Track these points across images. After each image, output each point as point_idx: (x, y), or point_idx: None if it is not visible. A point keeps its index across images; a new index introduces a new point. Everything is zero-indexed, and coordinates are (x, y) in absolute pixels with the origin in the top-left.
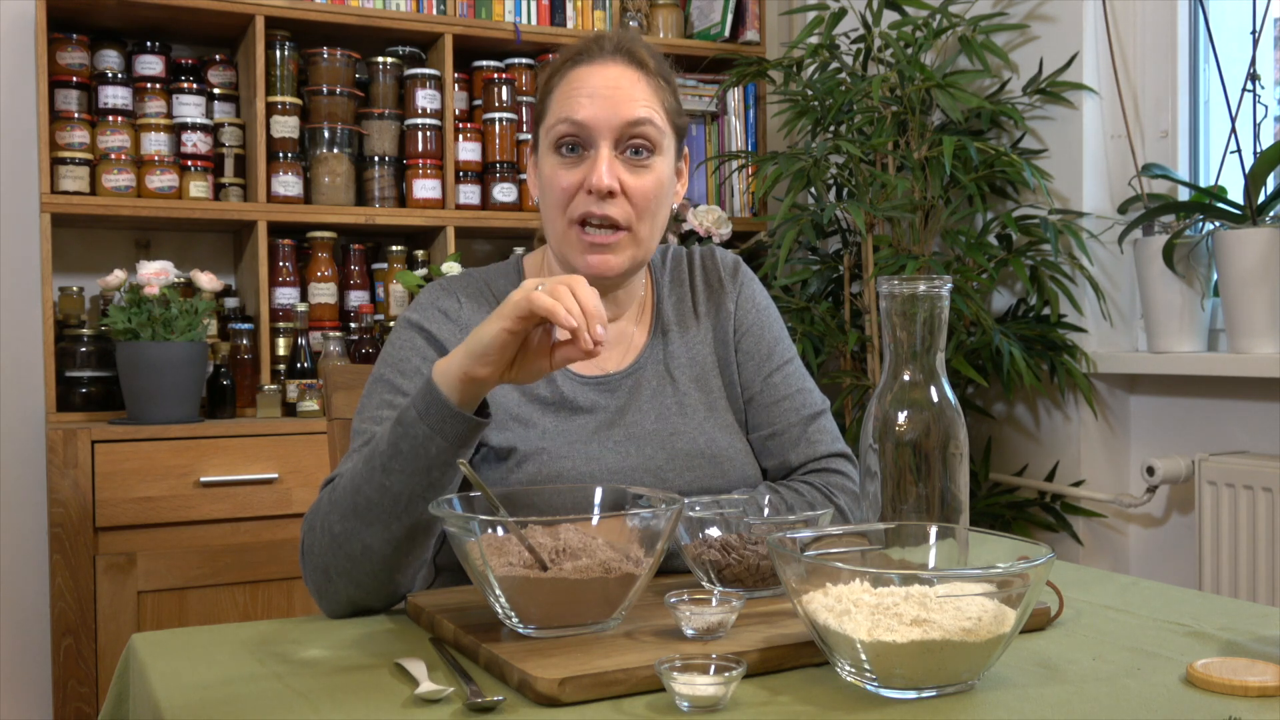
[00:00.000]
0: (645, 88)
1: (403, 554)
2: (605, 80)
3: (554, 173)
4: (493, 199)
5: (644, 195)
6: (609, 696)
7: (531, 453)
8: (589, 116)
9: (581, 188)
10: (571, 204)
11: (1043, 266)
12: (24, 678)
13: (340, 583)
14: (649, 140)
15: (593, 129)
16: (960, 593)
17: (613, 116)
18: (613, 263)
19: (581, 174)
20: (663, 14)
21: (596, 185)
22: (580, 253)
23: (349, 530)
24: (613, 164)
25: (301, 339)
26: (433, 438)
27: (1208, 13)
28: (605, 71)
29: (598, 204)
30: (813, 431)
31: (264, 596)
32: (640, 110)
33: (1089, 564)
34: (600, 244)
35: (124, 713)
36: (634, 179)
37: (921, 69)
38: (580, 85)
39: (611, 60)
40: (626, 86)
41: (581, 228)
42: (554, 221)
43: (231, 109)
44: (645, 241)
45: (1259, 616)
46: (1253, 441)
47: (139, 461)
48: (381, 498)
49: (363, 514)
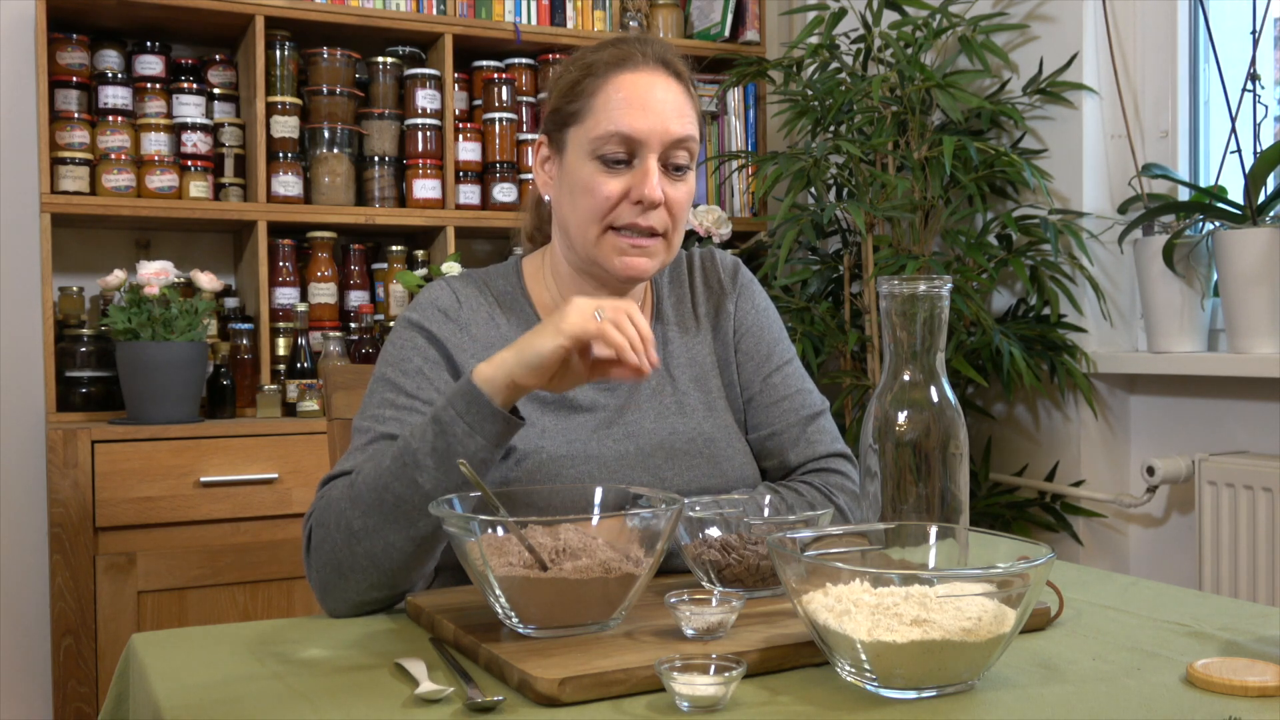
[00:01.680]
0: (687, 103)
1: (424, 550)
2: (655, 92)
3: (594, 179)
4: (493, 199)
5: (680, 206)
6: (609, 696)
7: (530, 450)
8: (642, 130)
9: (625, 198)
10: (614, 212)
11: (1043, 266)
12: (24, 678)
13: (354, 579)
14: (690, 154)
15: (644, 144)
16: (960, 593)
17: (664, 133)
18: (647, 266)
19: (625, 184)
20: (663, 14)
21: (650, 198)
22: (616, 255)
23: (370, 527)
24: (661, 177)
25: (301, 339)
26: (472, 436)
27: (1208, 13)
28: (650, 81)
29: (643, 215)
30: (812, 432)
31: (264, 596)
32: (688, 126)
33: (1089, 564)
34: (639, 246)
35: (124, 713)
36: (674, 190)
37: (921, 69)
38: (629, 95)
39: (654, 70)
40: (674, 101)
41: (618, 232)
42: (585, 226)
43: (231, 109)
44: (675, 248)
45: (1259, 616)
46: (1253, 441)
47: (139, 461)
48: (412, 494)
49: (389, 511)
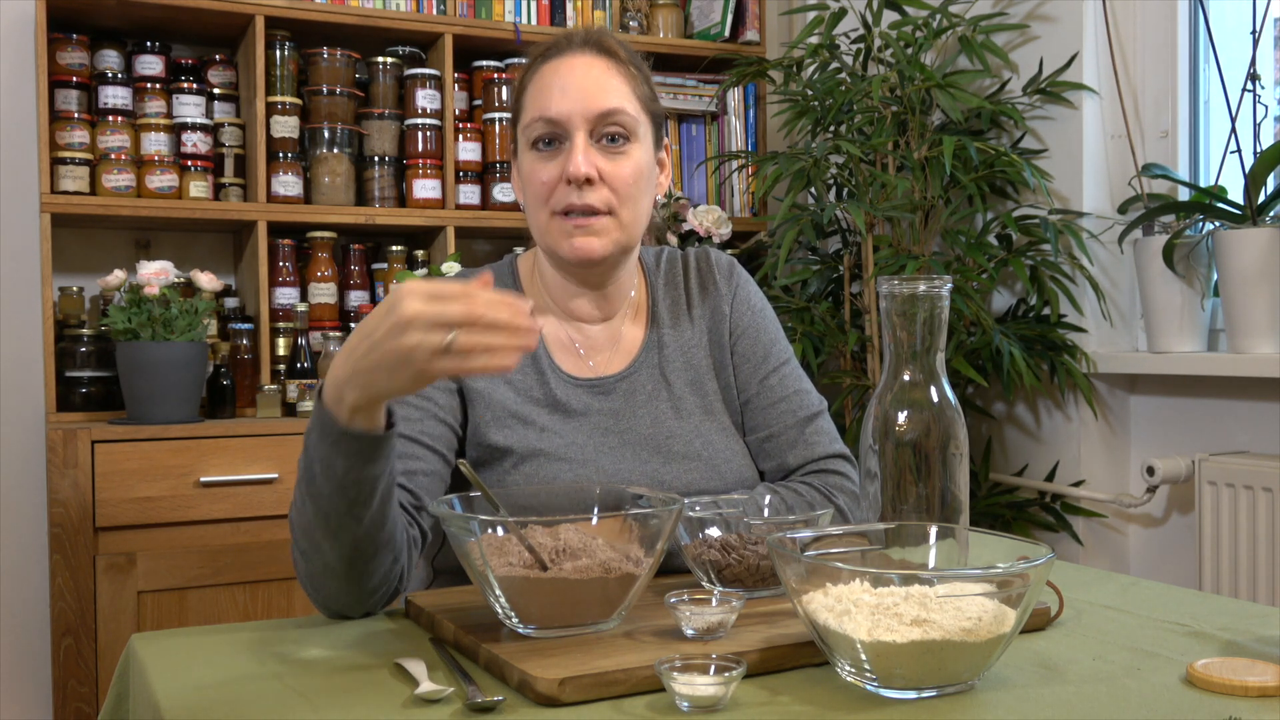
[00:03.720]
0: (616, 77)
1: (361, 565)
2: (576, 72)
3: (532, 168)
4: (493, 199)
5: (623, 181)
6: (609, 696)
7: (528, 454)
8: (562, 109)
9: (561, 179)
10: (553, 197)
11: (1043, 266)
12: (24, 678)
13: (321, 593)
14: (623, 128)
15: (566, 121)
16: (960, 593)
17: (586, 108)
18: (596, 245)
19: (559, 166)
20: (663, 14)
21: (574, 173)
22: (564, 238)
23: (308, 547)
24: (589, 152)
25: (301, 339)
26: (333, 462)
27: (1208, 13)
28: (575, 63)
29: (578, 194)
30: (810, 433)
31: (264, 596)
32: (613, 99)
33: (1089, 564)
34: (582, 226)
35: (124, 713)
36: (611, 166)
37: (921, 69)
38: (551, 80)
39: (580, 52)
40: (597, 76)
41: (564, 216)
42: (537, 215)
43: (231, 109)
44: (629, 226)
45: (1259, 616)
46: (1253, 441)
47: (139, 461)
48: (317, 518)
49: (310, 533)
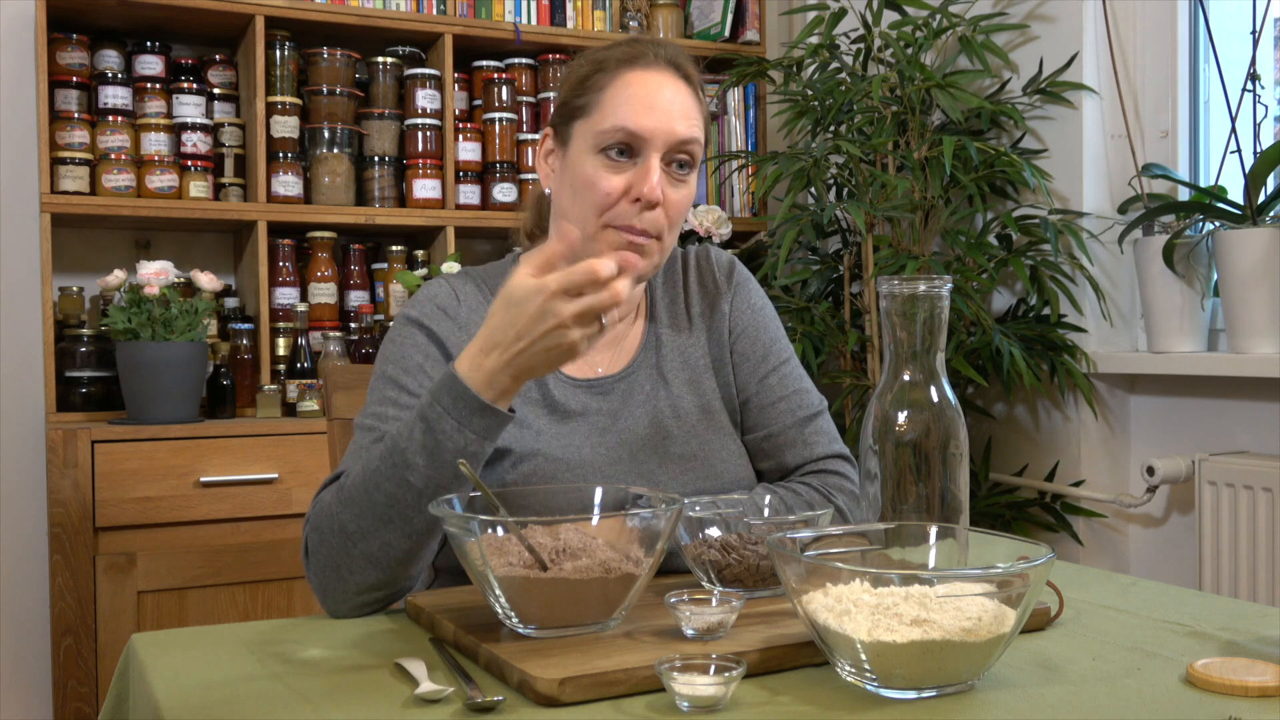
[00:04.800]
0: (694, 106)
1: (421, 545)
2: (664, 91)
3: (597, 173)
4: (493, 199)
5: (678, 209)
6: (609, 696)
7: (526, 454)
8: (647, 128)
9: (625, 195)
10: (614, 209)
11: (1043, 266)
12: (24, 678)
13: (353, 580)
14: (692, 157)
15: (648, 141)
16: (960, 593)
17: (669, 133)
18: (642, 265)
19: (627, 181)
20: (663, 14)
21: (650, 196)
22: (613, 248)
23: (365, 529)
24: (661, 177)
25: (301, 339)
26: (461, 431)
27: (1208, 13)
28: (660, 81)
29: (639, 215)
30: (809, 433)
31: (264, 596)
32: (693, 129)
33: (1089, 564)
34: (636, 244)
35: (124, 713)
36: (674, 193)
37: (921, 69)
38: (638, 92)
39: (665, 70)
40: (683, 102)
41: (620, 230)
42: (583, 220)
43: (231, 109)
44: (668, 250)
45: (1259, 616)
46: (1253, 441)
47: (139, 461)
48: (404, 493)
49: (382, 511)
